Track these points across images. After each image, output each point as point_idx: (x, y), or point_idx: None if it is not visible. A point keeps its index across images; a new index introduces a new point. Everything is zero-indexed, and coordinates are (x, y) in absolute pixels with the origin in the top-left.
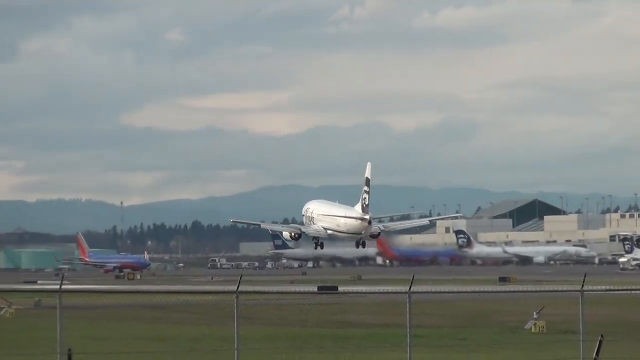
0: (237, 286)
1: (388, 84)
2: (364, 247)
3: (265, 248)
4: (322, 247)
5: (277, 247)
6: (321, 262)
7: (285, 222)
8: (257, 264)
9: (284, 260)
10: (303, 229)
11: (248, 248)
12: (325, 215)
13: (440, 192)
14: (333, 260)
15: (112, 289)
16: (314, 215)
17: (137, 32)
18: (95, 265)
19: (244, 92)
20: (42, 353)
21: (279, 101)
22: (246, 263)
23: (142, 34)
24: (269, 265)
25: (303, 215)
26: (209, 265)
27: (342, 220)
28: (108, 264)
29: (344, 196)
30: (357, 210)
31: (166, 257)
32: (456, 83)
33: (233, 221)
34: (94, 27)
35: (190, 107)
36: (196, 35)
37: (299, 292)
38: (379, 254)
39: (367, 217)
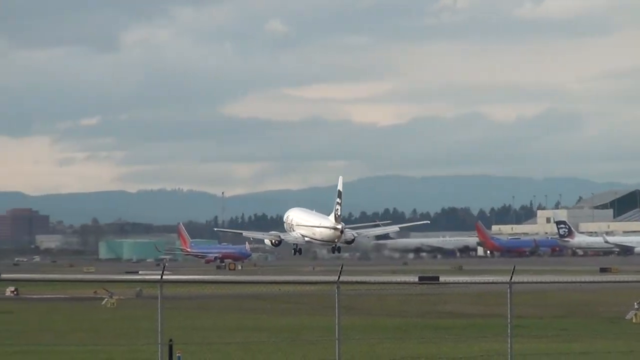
0: (338, 276)
1: (489, 74)
2: (339, 252)
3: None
4: (300, 253)
5: (378, 237)
6: (422, 253)
7: (387, 212)
8: (358, 254)
9: (386, 251)
10: (282, 237)
11: None
12: (303, 225)
13: (543, 183)
14: (434, 251)
15: (213, 279)
16: (293, 223)
17: (239, 23)
18: (196, 256)
19: (346, 82)
20: (143, 343)
21: (381, 92)
22: (347, 253)
23: (244, 24)
24: (370, 255)
25: (284, 222)
26: (310, 255)
27: (317, 229)
28: (209, 255)
29: (445, 186)
30: (331, 219)
31: (267, 247)
32: (559, 73)
33: (216, 230)
34: (195, 17)
35: (293, 98)
36: (297, 25)
37: (401, 283)
38: (480, 244)
39: (339, 226)
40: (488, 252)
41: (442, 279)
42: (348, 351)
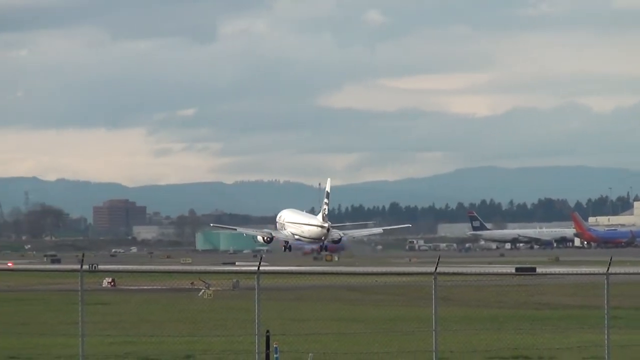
0: (435, 267)
1: (587, 65)
2: (326, 250)
3: (463, 229)
4: (290, 250)
5: (475, 228)
6: (519, 244)
7: (483, 203)
8: (455, 245)
9: (482, 242)
10: (274, 234)
11: (446, 229)
12: (293, 223)
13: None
14: (531, 242)
15: (310, 270)
16: (284, 223)
17: (337, 13)
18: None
19: (443, 73)
20: (240, 334)
21: (478, 83)
22: (444, 244)
23: (342, 14)
24: (467, 246)
25: (277, 221)
26: (407, 247)
27: (306, 227)
28: (306, 246)
29: (541, 177)
30: (319, 219)
31: (364, 238)
32: None
33: (213, 225)
34: (293, 7)
35: (390, 88)
36: (396, 16)
37: (497, 274)
38: (576, 235)
39: (326, 225)
40: (585, 243)
41: (538, 270)
42: (445, 342)
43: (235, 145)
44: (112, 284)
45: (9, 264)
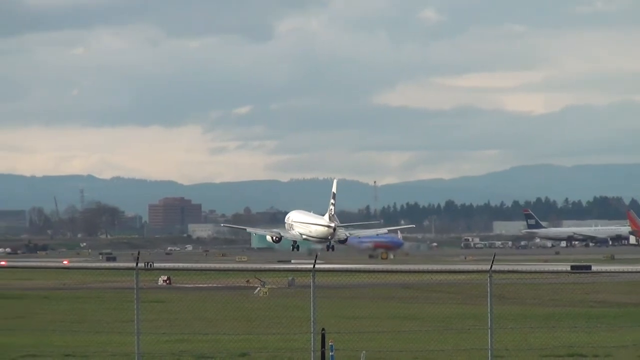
0: (490, 265)
1: None
2: (333, 250)
3: (518, 227)
4: (298, 249)
5: (530, 226)
6: (574, 242)
7: (539, 201)
8: (510, 243)
9: (537, 240)
10: (282, 234)
11: (501, 227)
12: (301, 223)
13: None
14: (586, 239)
15: (365, 268)
16: (292, 223)
17: (392, 11)
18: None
19: (497, 71)
20: (296, 332)
21: (533, 80)
22: (499, 242)
23: (397, 12)
24: (522, 244)
25: (285, 222)
26: (462, 245)
27: (313, 227)
28: (362, 244)
29: (596, 175)
30: (325, 219)
31: (419, 236)
32: None
33: (224, 225)
34: (348, 5)
35: (445, 86)
36: (451, 14)
37: (553, 272)
38: (632, 233)
39: (332, 224)
40: None
41: (594, 268)
42: (500, 340)
43: (290, 143)
44: (167, 282)
45: (65, 262)
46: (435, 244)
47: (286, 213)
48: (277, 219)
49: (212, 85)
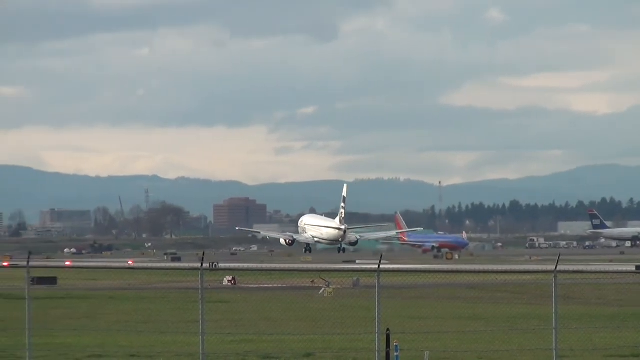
0: (555, 265)
1: None
2: (344, 252)
3: (583, 227)
4: (310, 252)
5: (595, 226)
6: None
7: (603, 202)
8: (575, 243)
9: (602, 240)
10: (295, 237)
11: (566, 227)
12: (313, 226)
13: None
14: None
15: (430, 268)
16: (305, 226)
17: (457, 11)
18: (413, 245)
19: (563, 71)
20: (360, 332)
21: (598, 80)
22: (564, 242)
23: (462, 12)
24: (587, 244)
25: (299, 225)
26: (527, 245)
27: (324, 229)
28: (426, 244)
29: None
30: (336, 222)
31: (484, 236)
32: None
33: (238, 229)
34: (413, 5)
35: (510, 87)
36: (516, 14)
37: (617, 272)
38: None
39: (342, 227)
40: None
41: None
42: (565, 340)
43: (355, 144)
44: (232, 282)
45: (130, 262)
46: (500, 244)
47: (351, 213)
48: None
49: (278, 86)
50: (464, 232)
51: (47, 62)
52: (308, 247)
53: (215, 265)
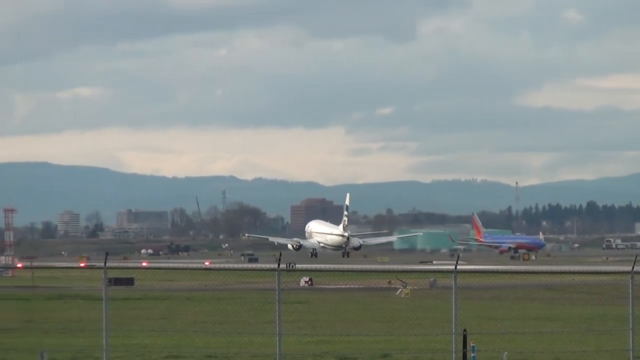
0: (632, 266)
1: None
2: (348, 256)
3: None
4: (316, 256)
5: None
6: None
7: None
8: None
9: None
10: (302, 242)
11: None
12: (318, 232)
13: None
14: None
15: (507, 269)
16: (312, 232)
17: (534, 12)
18: (490, 246)
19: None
20: (437, 333)
21: None
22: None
23: (539, 13)
24: None
25: (305, 231)
26: (603, 246)
27: (329, 236)
28: (503, 245)
29: None
30: (340, 229)
31: (561, 237)
32: None
33: (248, 235)
34: (491, 7)
35: (588, 87)
36: (594, 15)
37: None
38: None
39: (346, 234)
40: None
41: None
42: None
43: (432, 144)
44: (309, 283)
45: (207, 263)
46: (576, 245)
47: (428, 214)
48: (419, 220)
49: (355, 86)
50: (540, 233)
51: (126, 63)
52: (314, 252)
53: (292, 266)
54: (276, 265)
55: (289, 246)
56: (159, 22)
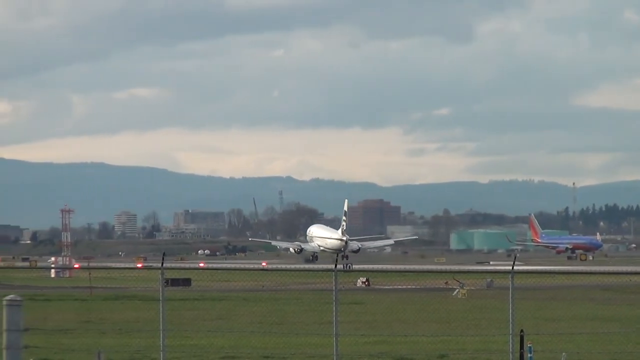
0: None
1: None
2: (347, 259)
3: None
4: (316, 259)
5: None
6: None
7: None
8: None
9: None
10: (303, 246)
11: None
12: (318, 237)
13: None
14: None
15: (564, 269)
16: (312, 236)
17: (592, 13)
18: (547, 246)
19: None
20: (494, 334)
21: None
22: None
23: (597, 14)
24: None
25: (307, 235)
26: None
27: (328, 240)
28: (560, 245)
29: None
30: (339, 233)
31: (618, 238)
32: None
33: (251, 240)
34: (548, 7)
35: None
36: None
37: None
38: None
39: (344, 238)
40: None
41: None
42: None
43: (490, 145)
44: (366, 283)
45: (263, 264)
46: (634, 245)
47: (485, 215)
48: (476, 220)
49: (413, 87)
50: (597, 234)
51: (183, 64)
52: (315, 255)
53: (349, 266)
54: (333, 266)
55: (291, 249)
56: (216, 23)
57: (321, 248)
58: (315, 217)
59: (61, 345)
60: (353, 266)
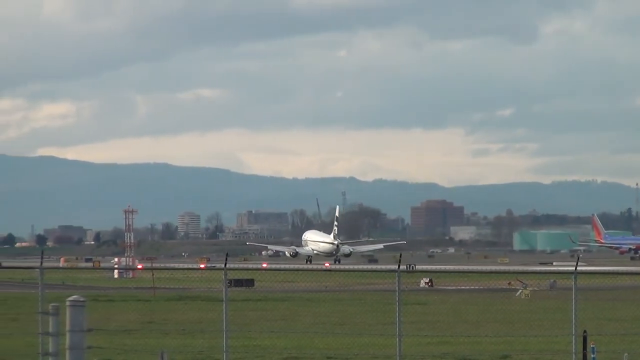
0: None
1: None
2: (339, 263)
3: None
4: (310, 262)
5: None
6: None
7: None
8: None
9: None
10: (298, 250)
11: None
12: (312, 241)
13: None
14: None
15: (627, 270)
16: (307, 241)
17: None
18: (610, 247)
19: None
20: (557, 334)
21: None
22: None
23: None
24: None
25: (303, 239)
26: None
27: (321, 244)
28: (623, 246)
29: None
30: (331, 238)
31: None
32: None
33: (248, 243)
34: (613, 7)
35: None
36: None
37: None
38: None
39: (335, 242)
40: None
41: None
42: None
43: (552, 145)
44: (429, 284)
45: (326, 265)
46: None
47: (548, 215)
48: (539, 221)
49: (475, 88)
50: None
51: (246, 64)
52: (309, 259)
53: (413, 267)
54: (396, 267)
55: (286, 253)
56: (278, 24)
57: (315, 252)
58: (377, 218)
59: (124, 346)
60: (416, 266)
